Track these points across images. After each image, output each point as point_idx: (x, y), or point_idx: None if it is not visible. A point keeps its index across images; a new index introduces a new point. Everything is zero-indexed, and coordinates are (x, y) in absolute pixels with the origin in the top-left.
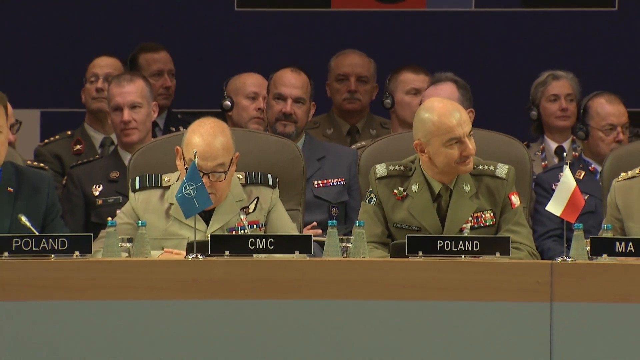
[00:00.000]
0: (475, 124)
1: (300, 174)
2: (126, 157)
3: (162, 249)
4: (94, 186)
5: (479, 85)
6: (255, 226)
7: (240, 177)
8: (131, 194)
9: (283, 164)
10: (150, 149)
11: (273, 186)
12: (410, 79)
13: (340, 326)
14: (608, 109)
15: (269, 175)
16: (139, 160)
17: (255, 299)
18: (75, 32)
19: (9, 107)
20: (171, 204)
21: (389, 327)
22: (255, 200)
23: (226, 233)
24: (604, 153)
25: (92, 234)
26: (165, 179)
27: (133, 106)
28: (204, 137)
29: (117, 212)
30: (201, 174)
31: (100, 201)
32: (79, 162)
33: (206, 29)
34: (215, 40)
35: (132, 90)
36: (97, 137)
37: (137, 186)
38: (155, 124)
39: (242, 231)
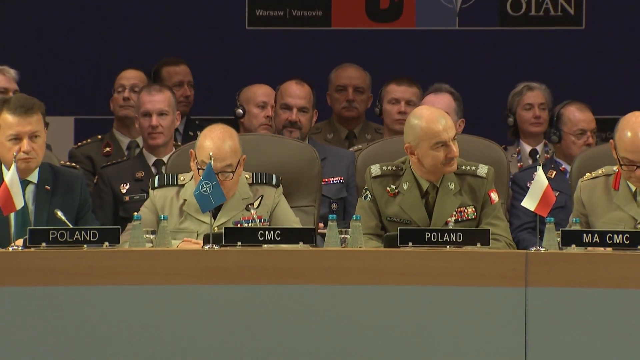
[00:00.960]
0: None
1: (316, 174)
2: (150, 159)
3: (174, 239)
4: (122, 184)
5: (462, 95)
6: (259, 221)
7: (248, 177)
8: (151, 191)
9: (302, 165)
10: (182, 153)
11: (276, 185)
12: (392, 89)
13: (339, 308)
14: (579, 116)
15: (274, 176)
16: (174, 162)
17: (264, 284)
18: (105, 48)
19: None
20: (185, 200)
21: (382, 309)
22: (260, 198)
23: (234, 226)
24: (576, 155)
25: (119, 226)
26: (181, 178)
27: (160, 113)
28: (215, 141)
29: (141, 207)
30: (219, 174)
31: (127, 198)
32: (109, 162)
33: (221, 45)
34: (228, 54)
35: (160, 99)
36: (124, 141)
37: (156, 184)
38: (177, 130)
39: (247, 224)
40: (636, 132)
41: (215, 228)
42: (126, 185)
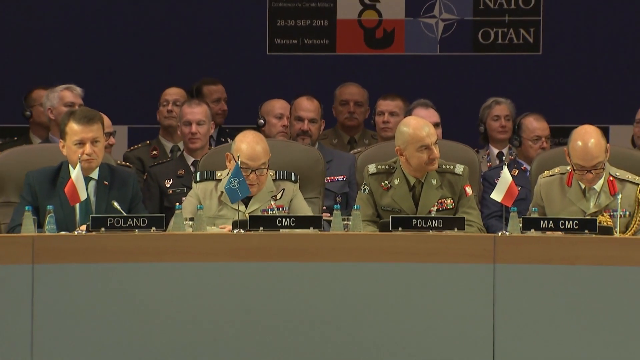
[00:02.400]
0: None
1: (321, 172)
2: (189, 159)
3: (213, 225)
4: (166, 180)
5: (441, 107)
6: (280, 209)
7: (272, 174)
8: (194, 185)
9: (309, 165)
10: (212, 154)
11: (295, 181)
12: (379, 103)
13: (342, 280)
14: (535, 124)
15: (292, 173)
16: (206, 161)
17: (281, 261)
18: (152, 69)
19: (107, 119)
20: (222, 192)
21: (376, 282)
22: (282, 191)
23: (260, 214)
24: (533, 157)
25: (164, 215)
26: (219, 174)
27: (199, 122)
28: (250, 144)
29: (186, 198)
30: (250, 171)
31: (170, 191)
32: (156, 163)
33: (247, 67)
34: (253, 75)
35: (199, 111)
36: (168, 145)
37: (198, 179)
38: (211, 137)
39: (271, 212)
40: (585, 143)
41: (247, 215)
42: (170, 181)
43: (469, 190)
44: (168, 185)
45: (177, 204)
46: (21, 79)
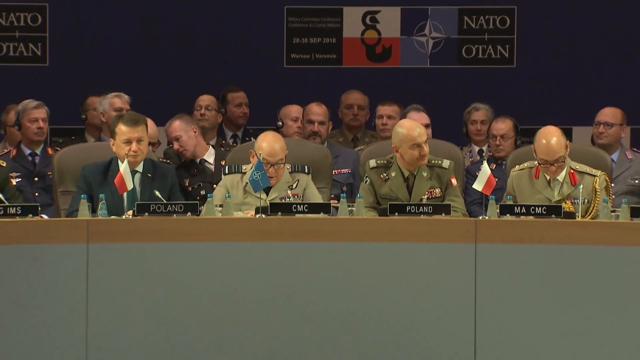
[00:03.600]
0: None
1: (329, 166)
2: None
3: (240, 210)
4: (185, 180)
5: (431, 112)
6: (296, 197)
7: (289, 167)
8: (223, 176)
9: (319, 160)
10: (238, 151)
11: (308, 173)
12: (379, 109)
13: (347, 257)
14: (493, 125)
15: (306, 166)
16: (232, 157)
17: (296, 241)
18: (187, 79)
19: (154, 129)
20: (247, 182)
21: (376, 258)
22: (297, 182)
23: (278, 201)
24: (497, 153)
25: (198, 202)
26: (244, 168)
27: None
28: (270, 143)
29: (216, 187)
30: (269, 165)
31: (190, 189)
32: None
33: (267, 77)
34: (272, 84)
35: (170, 130)
36: None
37: (227, 171)
38: (236, 135)
39: (288, 200)
40: (548, 141)
41: (267, 202)
42: (187, 180)
43: (454, 181)
44: (187, 184)
45: (209, 193)
46: (78, 88)
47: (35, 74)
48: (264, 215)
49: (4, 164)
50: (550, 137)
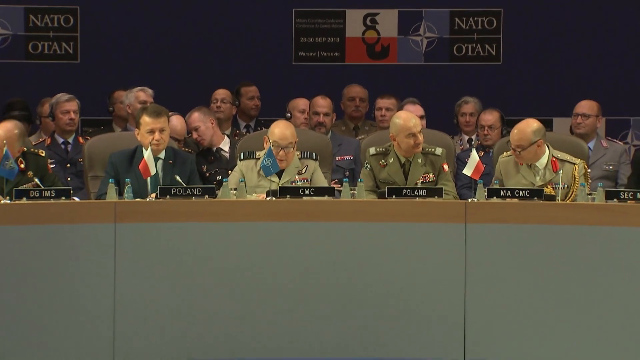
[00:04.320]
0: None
1: (330, 153)
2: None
3: (254, 193)
4: (202, 167)
5: (426, 104)
6: (304, 181)
7: (298, 154)
8: (238, 162)
9: (322, 148)
10: (250, 138)
11: (315, 159)
12: (378, 102)
13: (349, 235)
14: (482, 116)
15: (314, 153)
16: (244, 144)
17: (303, 221)
18: (204, 74)
19: (182, 125)
20: (260, 168)
21: (375, 236)
22: (306, 167)
23: (289, 185)
24: (485, 142)
25: (214, 186)
26: (257, 154)
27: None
28: (281, 128)
29: (232, 172)
30: (280, 149)
31: (208, 174)
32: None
33: (277, 73)
34: (282, 79)
35: (188, 120)
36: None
37: (242, 157)
38: (249, 126)
39: (297, 183)
40: (514, 129)
41: (279, 185)
42: (204, 167)
43: (446, 167)
44: (204, 170)
45: (225, 178)
46: (106, 83)
47: (67, 70)
48: (274, 198)
49: (43, 154)
50: (517, 126)
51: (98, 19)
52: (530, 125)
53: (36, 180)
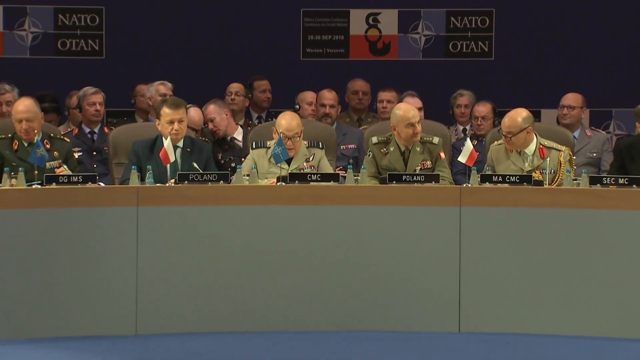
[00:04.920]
0: (425, 116)
1: (334, 142)
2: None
3: (265, 178)
4: (217, 155)
5: (424, 97)
6: (311, 168)
7: (306, 143)
8: (251, 150)
9: (327, 137)
10: (261, 129)
11: (322, 148)
12: (379, 95)
13: (353, 217)
14: (476, 108)
15: (320, 142)
16: (255, 133)
17: (310, 205)
18: (219, 68)
19: (199, 116)
20: (271, 155)
21: (377, 218)
22: (313, 155)
23: (297, 171)
24: (478, 131)
25: (229, 172)
26: (268, 143)
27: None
28: (288, 120)
29: (245, 159)
30: (287, 139)
31: (223, 162)
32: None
33: (287, 68)
34: (291, 74)
35: (208, 110)
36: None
37: (254, 146)
38: (261, 117)
39: (305, 170)
40: (505, 116)
41: (288, 172)
42: (219, 155)
43: (442, 155)
44: (219, 158)
45: (233, 164)
46: (128, 77)
47: (93, 65)
48: (284, 183)
49: (68, 140)
50: (508, 115)
51: (121, 18)
52: (520, 114)
53: (64, 167)
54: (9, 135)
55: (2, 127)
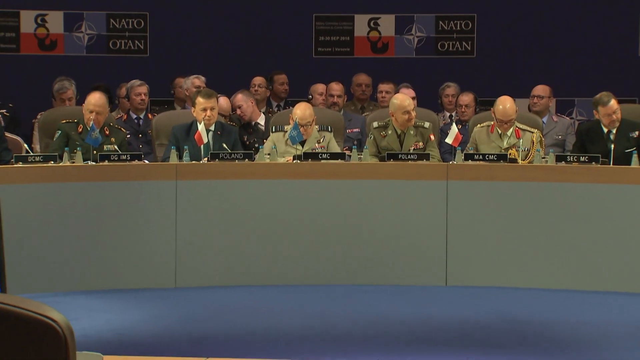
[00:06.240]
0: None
1: (343, 127)
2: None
3: (283, 157)
4: (243, 137)
5: (417, 88)
6: (322, 148)
7: (317, 127)
8: (271, 133)
9: (336, 122)
10: (279, 115)
11: (330, 131)
12: (380, 86)
13: (357, 190)
14: (462, 98)
15: (329, 126)
16: (274, 119)
17: (321, 179)
18: (244, 65)
19: (227, 105)
20: (287, 138)
21: (377, 191)
22: (323, 137)
23: (310, 151)
24: (462, 117)
25: (252, 151)
26: (285, 128)
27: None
28: (302, 110)
29: (266, 141)
30: (301, 126)
31: (248, 143)
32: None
33: (301, 64)
34: (304, 69)
35: (239, 98)
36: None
37: (273, 130)
38: (279, 105)
39: (317, 150)
40: (505, 106)
41: (302, 152)
42: (245, 137)
43: (432, 137)
44: (245, 139)
45: (256, 145)
46: (169, 72)
47: (139, 62)
48: (299, 161)
49: (124, 130)
50: (506, 103)
51: (163, 22)
52: (513, 102)
53: (115, 147)
54: (75, 120)
55: (70, 113)
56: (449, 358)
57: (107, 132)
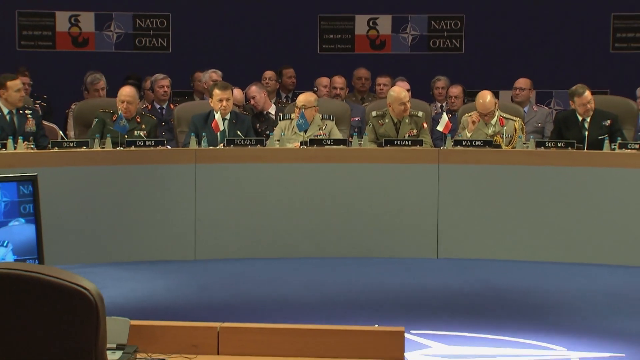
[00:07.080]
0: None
1: (347, 116)
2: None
3: (290, 143)
4: (256, 124)
5: (412, 81)
6: (324, 135)
7: (320, 116)
8: (279, 121)
9: (341, 112)
10: (288, 105)
11: (332, 120)
12: (378, 79)
13: (357, 173)
14: (451, 90)
15: (331, 116)
16: (287, 109)
17: (325, 163)
18: (256, 61)
19: (240, 96)
20: (294, 126)
21: (375, 173)
22: (326, 125)
23: (314, 138)
24: (452, 107)
25: (263, 138)
26: (292, 116)
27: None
28: (305, 95)
29: (275, 128)
30: (305, 109)
31: (260, 130)
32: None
33: (308, 59)
34: (310, 65)
35: (253, 90)
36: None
37: (282, 118)
38: (288, 97)
39: (320, 137)
40: (484, 100)
41: (307, 138)
42: (257, 124)
43: (425, 125)
44: (257, 127)
45: (267, 132)
46: (189, 66)
47: (162, 57)
48: (305, 146)
49: (154, 118)
50: (485, 97)
51: (184, 22)
52: (492, 95)
53: (145, 132)
54: (111, 110)
55: (103, 104)
56: (440, 323)
57: (139, 120)
